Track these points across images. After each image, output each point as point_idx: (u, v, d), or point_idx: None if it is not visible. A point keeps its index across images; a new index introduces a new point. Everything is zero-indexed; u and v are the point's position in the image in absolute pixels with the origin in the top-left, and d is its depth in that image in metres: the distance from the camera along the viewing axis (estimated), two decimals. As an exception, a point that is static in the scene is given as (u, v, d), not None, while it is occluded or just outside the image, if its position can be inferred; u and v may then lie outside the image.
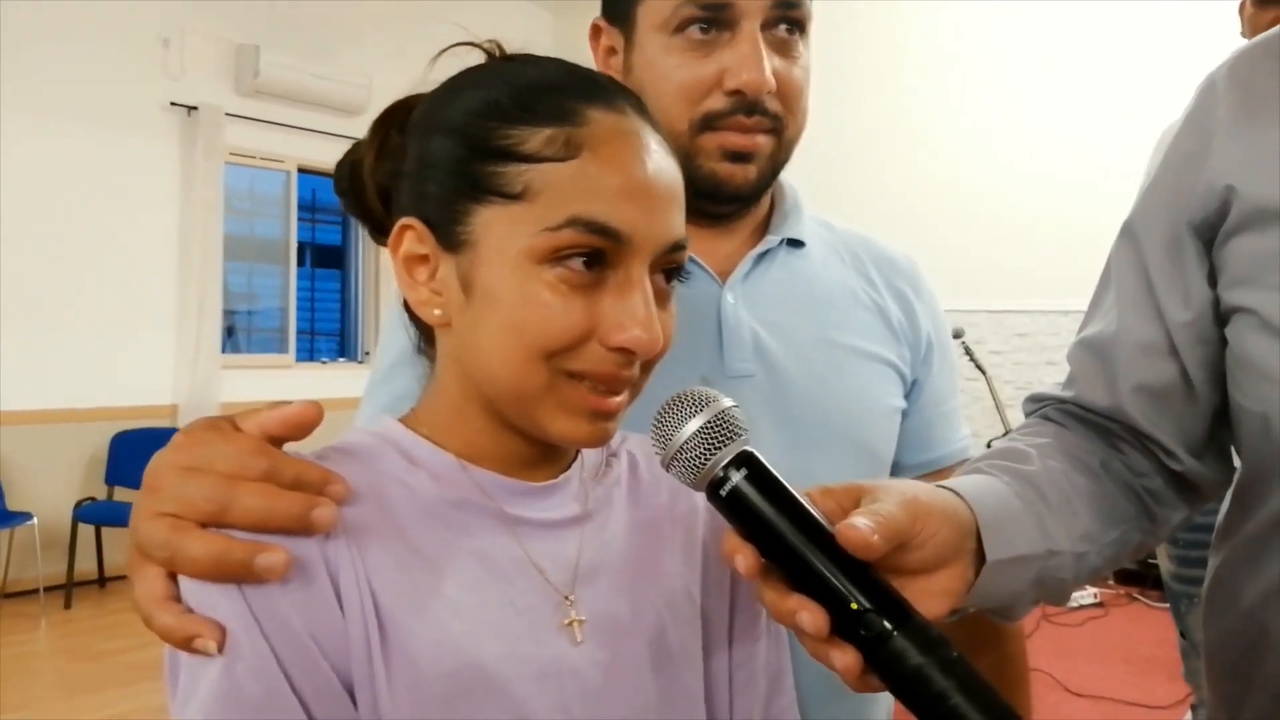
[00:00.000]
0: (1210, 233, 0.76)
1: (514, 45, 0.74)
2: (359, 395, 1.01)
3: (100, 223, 5.56)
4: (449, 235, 0.65)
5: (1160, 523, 0.82)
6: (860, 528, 0.57)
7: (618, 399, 0.65)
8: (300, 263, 6.82)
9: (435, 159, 0.66)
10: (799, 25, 0.93)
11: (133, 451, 5.48)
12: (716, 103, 0.90)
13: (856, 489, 0.63)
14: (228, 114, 6.04)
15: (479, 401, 0.68)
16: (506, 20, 7.21)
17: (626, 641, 0.68)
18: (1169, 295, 0.78)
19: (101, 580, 5.46)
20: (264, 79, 6.08)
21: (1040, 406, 0.88)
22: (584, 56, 0.73)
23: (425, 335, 0.73)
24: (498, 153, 0.63)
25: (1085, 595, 4.73)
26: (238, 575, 0.56)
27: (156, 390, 5.79)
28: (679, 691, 0.70)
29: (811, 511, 0.59)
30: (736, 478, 0.59)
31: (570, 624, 0.66)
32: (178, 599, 0.57)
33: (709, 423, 0.59)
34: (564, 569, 0.68)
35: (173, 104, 5.87)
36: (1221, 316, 0.77)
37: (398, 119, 0.71)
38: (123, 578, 5.53)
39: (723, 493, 0.59)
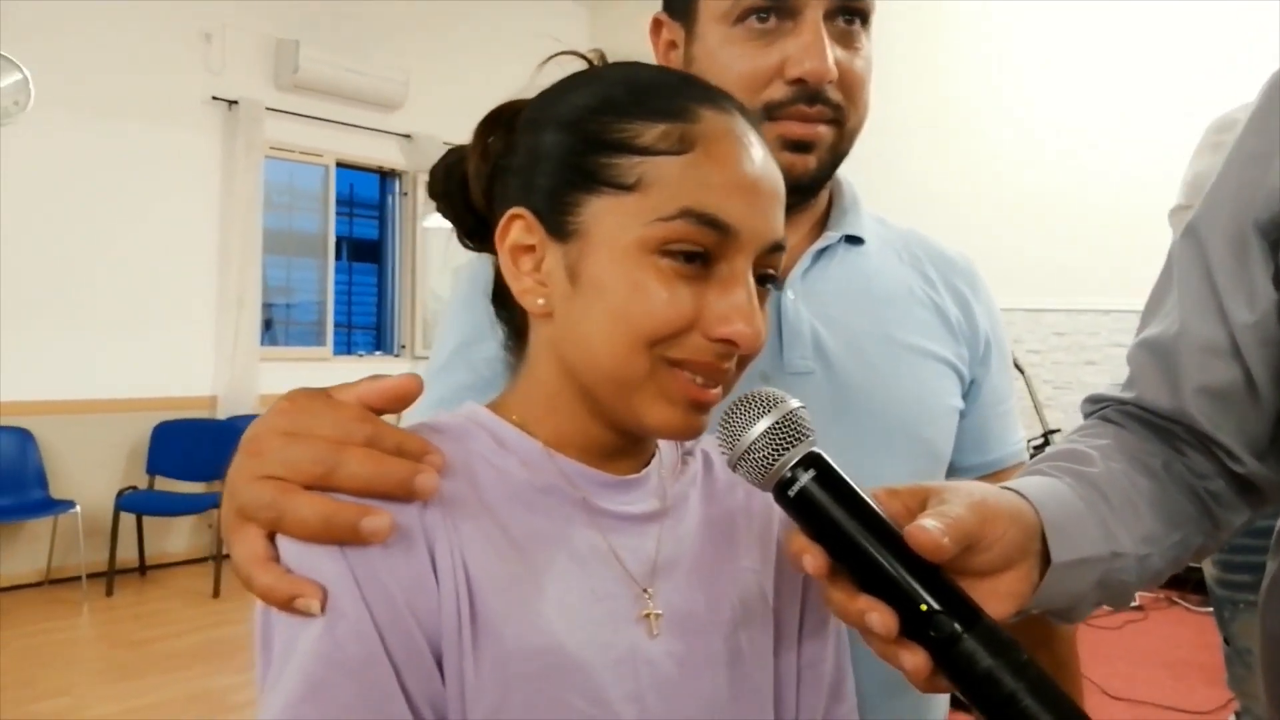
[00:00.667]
0: (1276, 233, 0.75)
1: (550, 42, 0.75)
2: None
3: (142, 216, 5.64)
4: (558, 225, 0.66)
5: (1222, 525, 0.81)
6: (930, 529, 0.57)
7: (715, 390, 0.66)
8: (338, 256, 6.87)
9: (547, 152, 0.67)
10: (862, 16, 0.92)
11: (173, 441, 5.56)
12: (777, 92, 0.90)
13: (923, 490, 0.63)
14: (268, 108, 6.09)
15: (573, 392, 0.68)
16: (543, 17, 7.20)
17: (701, 636, 0.69)
18: (1233, 296, 0.77)
19: (142, 568, 5.53)
20: (304, 74, 6.13)
21: (1100, 407, 0.87)
22: (619, 52, 0.74)
23: (514, 329, 0.74)
24: (612, 145, 0.65)
25: (1124, 598, 4.68)
26: (344, 537, 0.57)
27: (196, 382, 5.87)
28: (749, 688, 0.70)
29: (880, 513, 0.59)
30: (804, 478, 0.59)
31: (648, 616, 0.67)
32: (277, 560, 0.58)
33: (777, 423, 0.60)
34: (643, 562, 0.69)
35: (214, 98, 5.94)
36: None
37: (502, 121, 0.72)
38: (162, 566, 5.62)
39: (790, 493, 0.59)
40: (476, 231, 0.73)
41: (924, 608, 0.56)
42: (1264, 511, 0.85)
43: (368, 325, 7.33)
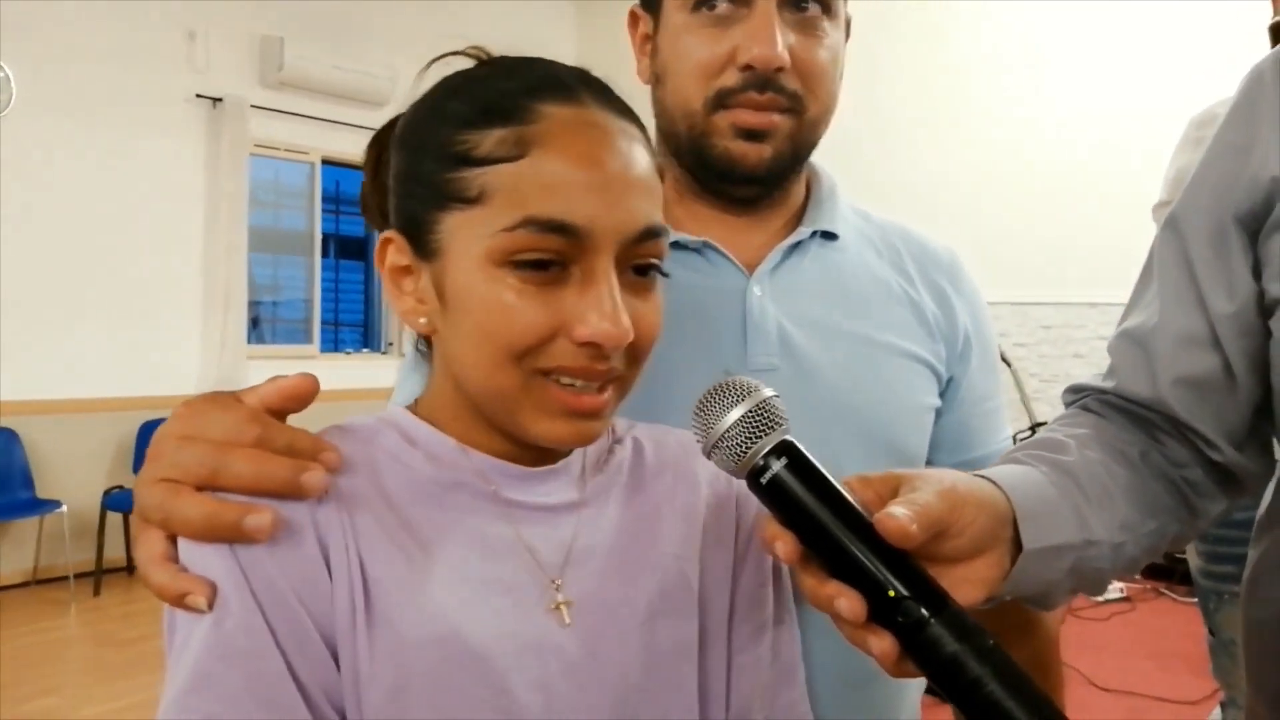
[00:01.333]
0: (1255, 225, 0.76)
1: (536, 39, 0.74)
2: (382, 386, 1.02)
3: (127, 214, 5.61)
4: (423, 244, 0.66)
5: (1199, 514, 0.82)
6: (899, 516, 0.57)
7: (598, 397, 0.65)
8: (324, 254, 6.85)
9: (406, 171, 0.68)
10: (822, 3, 0.91)
11: (160, 441, 5.53)
12: (730, 79, 0.89)
13: (895, 478, 0.63)
14: (252, 106, 6.07)
15: (471, 405, 0.69)
16: (530, 14, 7.17)
17: (615, 625, 0.69)
18: (1212, 287, 0.78)
19: (130, 568, 5.49)
20: (288, 71, 6.12)
21: (1079, 397, 0.87)
22: (607, 49, 0.73)
23: (425, 338, 0.75)
24: (455, 159, 0.64)
25: (1111, 590, 4.70)
26: (228, 535, 0.59)
27: (183, 380, 5.83)
28: (668, 676, 0.70)
29: (850, 500, 0.59)
30: (777, 466, 0.59)
31: (558, 607, 0.67)
32: (176, 560, 0.60)
33: (750, 412, 0.60)
34: (556, 553, 0.69)
35: (198, 96, 5.92)
36: (1265, 309, 0.76)
37: (385, 138, 0.72)
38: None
39: (763, 481, 0.60)
40: None
41: (892, 593, 0.57)
42: (1242, 501, 0.85)
43: (355, 323, 7.33)
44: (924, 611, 0.57)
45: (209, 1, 5.90)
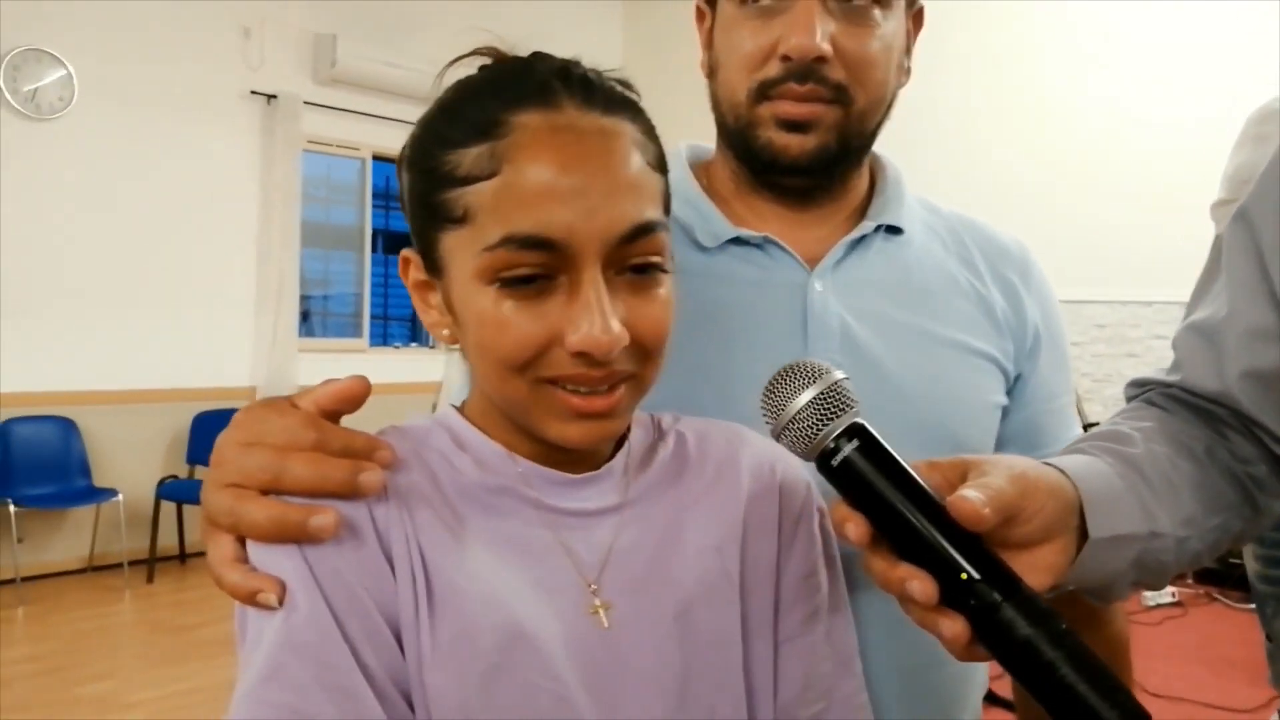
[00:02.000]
0: None
1: (583, 38, 0.75)
2: (430, 380, 1.04)
3: (182, 209, 5.71)
4: (432, 263, 0.69)
5: (1263, 512, 0.81)
6: (972, 499, 0.57)
7: (607, 398, 0.66)
8: (374, 249, 6.92)
9: (409, 192, 0.70)
10: None
11: (213, 432, 5.38)
12: (772, 70, 0.89)
13: (963, 463, 0.63)
14: (305, 102, 6.15)
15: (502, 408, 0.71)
16: (578, 12, 7.17)
17: (652, 625, 0.69)
18: None
19: (182, 556, 5.62)
20: (341, 68, 6.18)
21: (1143, 391, 0.86)
22: (653, 48, 0.74)
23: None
24: (442, 179, 0.66)
25: (1163, 594, 4.62)
26: (295, 536, 0.61)
27: (236, 372, 5.94)
28: (712, 670, 0.71)
29: (921, 483, 0.60)
30: (848, 449, 0.60)
31: (596, 610, 0.68)
32: (245, 560, 0.62)
33: (821, 394, 0.60)
34: (596, 557, 0.70)
35: (253, 93, 6.01)
36: None
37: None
38: (203, 554, 5.68)
39: (834, 463, 0.60)
40: None
41: (964, 576, 0.57)
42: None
43: (403, 317, 7.38)
44: (997, 595, 0.56)
45: (264, 0, 6.00)
